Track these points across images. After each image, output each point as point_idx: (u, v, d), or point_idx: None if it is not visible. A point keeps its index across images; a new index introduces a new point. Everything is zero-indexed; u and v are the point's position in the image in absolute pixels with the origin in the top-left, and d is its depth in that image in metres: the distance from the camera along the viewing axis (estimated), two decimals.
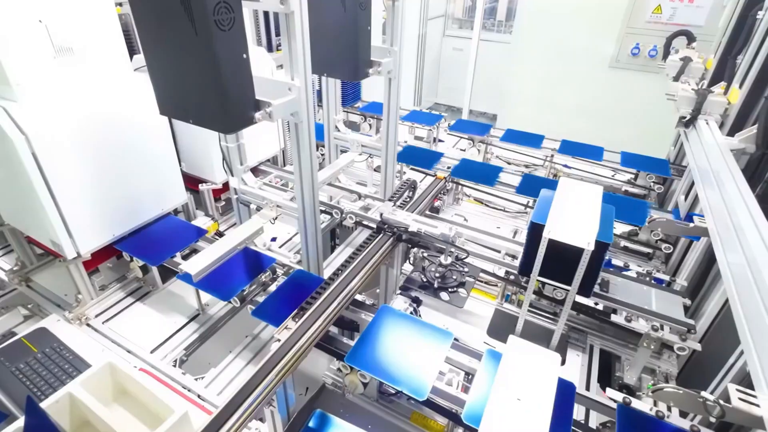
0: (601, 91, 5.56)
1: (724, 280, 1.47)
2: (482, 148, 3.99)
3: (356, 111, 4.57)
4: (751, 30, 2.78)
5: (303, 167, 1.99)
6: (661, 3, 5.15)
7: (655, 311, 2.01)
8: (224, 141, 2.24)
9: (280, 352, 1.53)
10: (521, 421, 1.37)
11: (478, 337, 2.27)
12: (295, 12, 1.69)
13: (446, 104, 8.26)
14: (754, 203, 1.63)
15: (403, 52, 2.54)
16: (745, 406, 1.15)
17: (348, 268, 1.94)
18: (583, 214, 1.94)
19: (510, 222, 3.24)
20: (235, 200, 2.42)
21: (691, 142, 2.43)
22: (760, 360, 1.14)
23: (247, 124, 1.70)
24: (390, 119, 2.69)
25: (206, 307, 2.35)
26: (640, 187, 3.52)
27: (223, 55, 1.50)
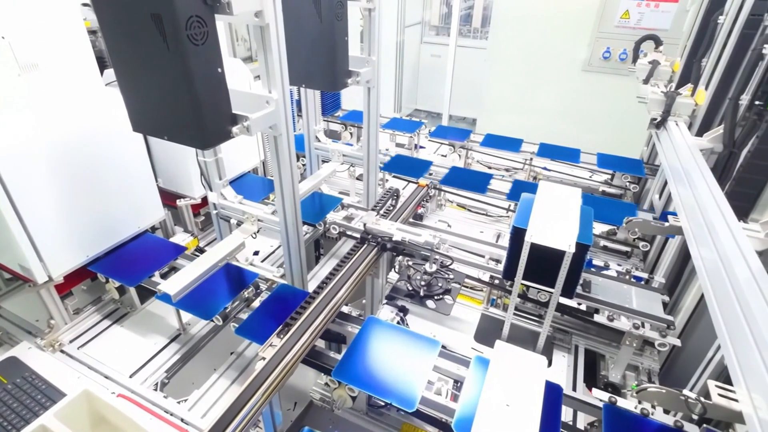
0: (576, 94, 5.70)
1: (699, 276, 1.51)
2: (463, 154, 4.03)
3: (337, 120, 4.57)
4: (713, 34, 2.90)
5: (284, 180, 1.97)
6: (628, 8, 5.33)
7: (635, 309, 2.05)
8: (201, 156, 2.20)
9: (265, 371, 1.50)
10: (511, 427, 1.37)
11: (466, 342, 2.28)
12: (270, 24, 1.68)
13: (426, 110, 8.33)
14: (723, 201, 1.68)
15: (381, 61, 2.56)
16: (725, 402, 1.18)
17: (333, 280, 1.92)
18: (563, 216, 1.98)
19: (493, 226, 3.27)
20: (215, 215, 2.38)
21: (663, 142, 2.51)
22: (737, 354, 1.17)
23: (224, 139, 1.67)
24: (370, 128, 2.69)
25: (187, 326, 2.29)
26: (616, 187, 3.61)
27: (197, 71, 1.48)
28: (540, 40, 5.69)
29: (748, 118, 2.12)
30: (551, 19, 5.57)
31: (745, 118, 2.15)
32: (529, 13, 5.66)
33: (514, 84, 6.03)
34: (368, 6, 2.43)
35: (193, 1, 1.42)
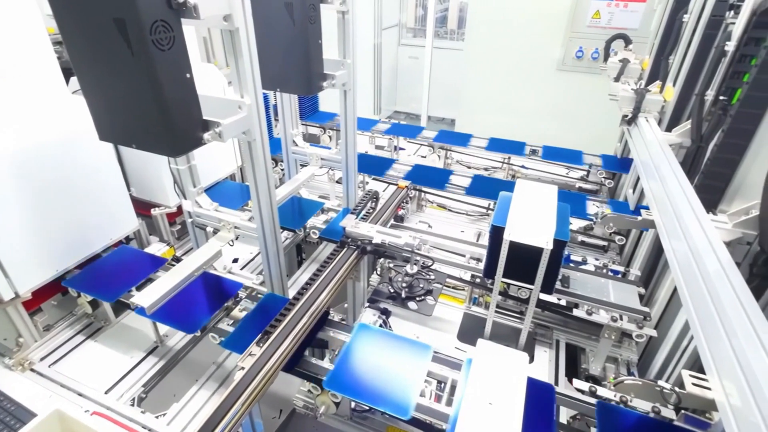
0: (551, 93, 5.80)
1: (671, 267, 1.55)
2: (442, 154, 4.05)
3: (315, 124, 4.54)
4: (679, 32, 2.98)
5: (259, 186, 1.94)
6: (599, 8, 5.45)
7: (612, 302, 2.09)
8: (174, 163, 2.15)
9: (244, 381, 1.47)
10: (494, 425, 1.37)
11: (450, 342, 2.28)
12: (240, 28, 1.66)
13: (406, 112, 8.35)
14: (692, 194, 1.73)
15: (358, 63, 2.55)
16: (699, 390, 1.21)
17: (312, 286, 1.90)
18: (541, 214, 2.00)
19: (473, 225, 3.30)
20: (190, 224, 2.32)
21: (634, 138, 2.57)
22: (708, 343, 1.20)
23: (195, 146, 1.63)
24: (348, 131, 2.68)
25: (165, 338, 2.23)
26: (592, 182, 3.69)
27: (164, 76, 1.44)
28: (515, 40, 5.77)
29: (713, 113, 2.19)
30: (525, 20, 5.66)
31: (711, 113, 2.21)
32: (504, 14, 5.74)
33: (492, 84, 6.10)
34: (341, 8, 2.42)
35: (158, 5, 1.39)
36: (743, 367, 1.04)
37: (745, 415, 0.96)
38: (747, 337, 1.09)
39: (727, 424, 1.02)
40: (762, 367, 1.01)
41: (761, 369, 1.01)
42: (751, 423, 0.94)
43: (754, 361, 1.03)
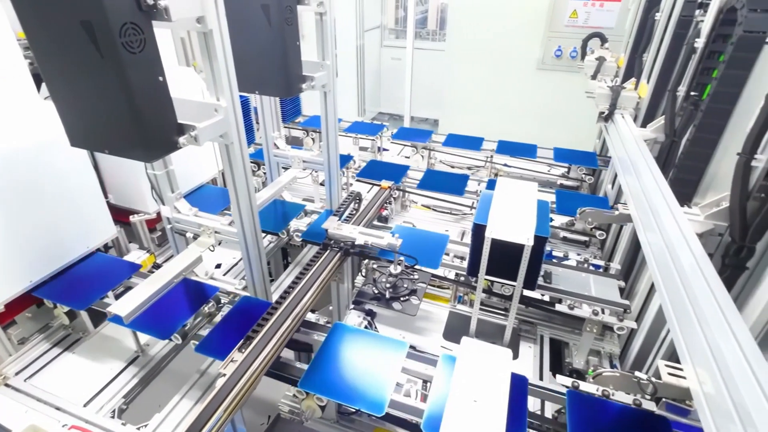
0: (532, 92, 5.88)
1: (647, 260, 1.58)
2: (426, 154, 4.07)
3: (298, 126, 4.52)
4: (651, 30, 3.05)
5: (238, 189, 1.92)
6: (576, 8, 5.55)
7: (594, 296, 2.12)
8: (151, 169, 2.11)
9: (225, 388, 1.44)
10: (479, 422, 1.38)
11: (436, 341, 2.29)
12: (214, 30, 1.64)
13: (390, 113, 8.37)
14: (666, 187, 1.77)
15: (336, 65, 2.54)
16: (674, 380, 1.23)
17: (295, 289, 1.88)
18: (521, 211, 2.02)
19: (458, 225, 3.31)
20: (169, 230, 2.28)
21: (611, 135, 2.61)
22: (683, 333, 1.22)
23: (170, 151, 1.61)
24: (329, 132, 2.67)
25: (146, 347, 2.18)
26: (573, 179, 3.75)
27: (135, 80, 1.41)
28: (495, 40, 5.83)
29: (685, 108, 2.25)
30: (505, 20, 5.73)
31: (683, 109, 2.27)
32: (484, 14, 5.80)
33: (474, 84, 6.16)
34: (319, 10, 2.41)
35: (127, 7, 1.36)
36: (716, 355, 1.07)
37: (718, 402, 0.98)
38: (719, 327, 1.12)
39: (701, 410, 1.04)
40: (733, 356, 1.03)
41: (733, 358, 1.03)
42: (724, 410, 0.96)
43: (726, 350, 1.06)
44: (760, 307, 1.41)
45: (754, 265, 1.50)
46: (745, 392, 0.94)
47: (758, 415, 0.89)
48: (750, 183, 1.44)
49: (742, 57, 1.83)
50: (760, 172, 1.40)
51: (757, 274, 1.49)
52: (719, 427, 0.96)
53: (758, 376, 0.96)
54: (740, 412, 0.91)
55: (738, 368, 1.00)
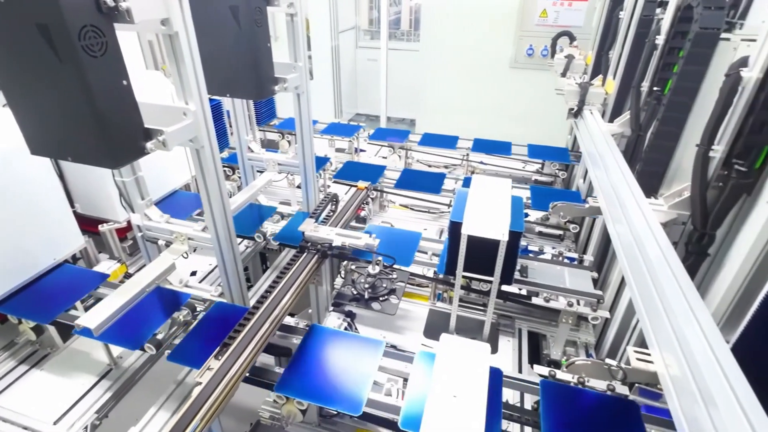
0: (506, 90, 5.99)
1: (616, 251, 1.62)
2: (402, 154, 4.09)
3: (273, 129, 4.47)
4: (616, 28, 3.15)
5: (211, 194, 1.88)
6: (546, 7, 5.67)
7: (568, 288, 2.17)
8: (119, 176, 2.05)
9: (202, 396, 1.41)
10: (459, 418, 1.39)
11: (417, 340, 2.30)
12: (180, 32, 1.60)
13: (367, 114, 8.37)
14: (633, 180, 1.82)
15: (307, 67, 2.52)
16: (643, 365, 1.27)
17: (272, 293, 1.86)
18: (496, 207, 2.05)
19: (435, 223, 3.34)
20: (140, 238, 2.22)
21: (581, 130, 2.68)
22: (650, 320, 1.27)
23: (137, 156, 1.56)
24: (304, 134, 2.65)
25: (119, 359, 2.12)
26: (547, 175, 3.83)
27: (97, 85, 1.37)
28: (468, 40, 5.91)
29: (649, 103, 2.33)
30: (477, 20, 5.81)
31: (647, 104, 2.35)
32: (456, 15, 5.87)
33: (448, 84, 6.22)
34: (290, 11, 2.39)
35: (86, 10, 1.32)
36: (680, 340, 1.11)
37: (683, 384, 1.02)
38: (683, 314, 1.16)
39: (667, 393, 1.08)
40: (696, 340, 1.08)
41: (696, 341, 1.07)
42: (688, 391, 1.00)
43: (689, 334, 1.10)
44: (722, 291, 1.48)
45: (715, 251, 1.57)
46: (707, 374, 0.98)
47: (719, 396, 0.92)
48: (708, 173, 1.50)
49: (699, 52, 1.91)
50: (717, 162, 1.47)
51: (718, 260, 1.56)
52: (684, 407, 1.00)
53: (719, 359, 1.01)
54: (703, 393, 0.95)
55: (701, 351, 1.04)
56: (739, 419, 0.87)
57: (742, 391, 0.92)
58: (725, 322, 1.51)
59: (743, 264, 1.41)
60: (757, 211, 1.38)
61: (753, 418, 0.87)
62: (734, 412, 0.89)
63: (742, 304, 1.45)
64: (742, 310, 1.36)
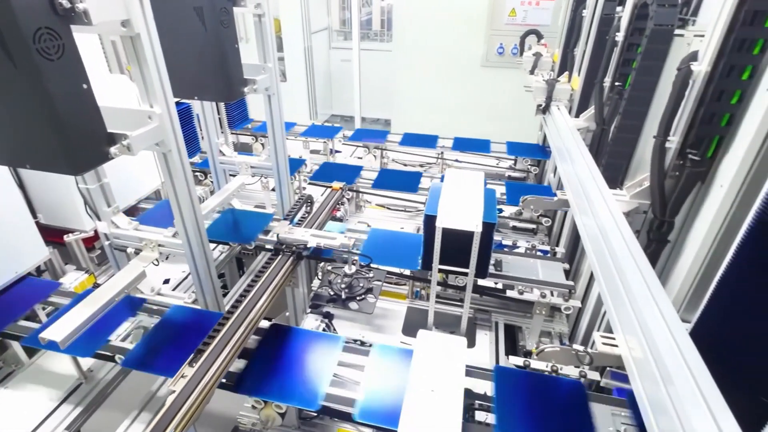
0: (478, 88, 6.08)
1: (583, 241, 1.68)
2: (378, 154, 4.10)
3: (247, 132, 4.41)
4: (580, 26, 3.25)
5: (180, 199, 1.84)
6: (514, 6, 5.79)
7: (541, 280, 2.22)
8: (83, 183, 1.98)
9: (176, 405, 1.39)
10: (437, 412, 1.41)
11: (396, 338, 2.31)
12: (142, 34, 1.57)
13: (342, 115, 8.35)
14: (597, 172, 1.89)
15: (277, 68, 2.50)
16: (608, 349, 1.32)
17: (247, 297, 1.84)
18: (469, 200, 2.07)
19: (413, 221, 3.37)
20: (108, 246, 2.16)
21: (549, 125, 2.76)
22: (614, 305, 1.31)
23: (100, 162, 1.52)
24: (276, 136, 2.63)
25: (90, 373, 2.05)
26: (520, 171, 3.91)
27: (54, 89, 1.33)
28: (440, 40, 5.98)
29: (611, 97, 2.41)
30: (448, 20, 5.89)
31: (610, 98, 2.43)
32: (427, 14, 5.93)
33: (422, 83, 6.28)
34: (257, 12, 2.37)
35: (41, 12, 1.28)
36: (641, 324, 1.16)
37: (644, 365, 1.07)
38: (644, 298, 1.21)
39: (630, 374, 1.12)
40: (656, 323, 1.12)
41: (656, 325, 1.12)
42: (649, 372, 1.04)
43: (649, 318, 1.15)
44: (682, 275, 1.55)
45: (675, 237, 1.64)
46: (666, 355, 1.02)
47: (677, 375, 0.97)
48: (665, 163, 1.57)
49: (655, 48, 1.99)
50: (673, 152, 1.53)
51: (678, 246, 1.63)
52: (646, 387, 1.05)
53: (677, 340, 1.05)
54: (662, 373, 1.00)
55: (660, 334, 1.09)
56: (695, 395, 0.92)
57: (698, 370, 0.97)
58: (687, 304, 1.58)
59: (700, 248, 1.48)
60: (711, 198, 1.45)
61: (707, 393, 0.91)
62: (690, 389, 0.93)
63: (702, 286, 1.52)
64: (702, 292, 1.43)
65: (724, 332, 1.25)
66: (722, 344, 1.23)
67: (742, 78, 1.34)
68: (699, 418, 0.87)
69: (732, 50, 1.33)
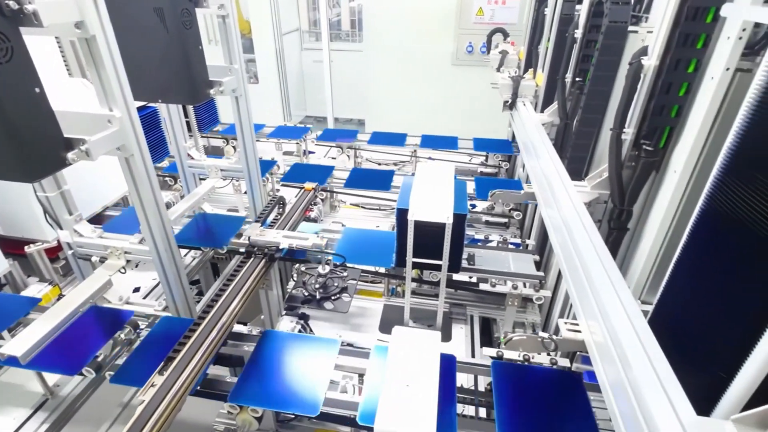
0: (450, 86, 6.16)
1: (548, 231, 1.73)
2: (351, 154, 4.10)
3: (217, 135, 4.33)
4: (543, 24, 3.34)
5: (145, 204, 1.80)
6: (481, 5, 5.89)
7: (512, 272, 2.28)
8: (41, 191, 1.91)
9: (145, 414, 1.35)
10: (412, 406, 1.42)
11: (373, 336, 2.32)
12: (98, 36, 1.52)
13: (315, 116, 8.30)
14: (560, 165, 1.95)
15: (243, 69, 2.47)
16: (572, 334, 1.37)
17: (218, 301, 1.81)
18: (440, 192, 2.10)
19: (388, 220, 3.38)
20: (71, 256, 2.08)
21: (516, 121, 2.82)
22: (577, 293, 1.36)
23: (57, 168, 1.48)
24: (245, 138, 2.59)
25: (56, 388, 1.98)
26: (491, 166, 3.98)
27: (3, 93, 1.28)
28: (411, 39, 6.03)
29: (573, 92, 2.49)
30: (418, 19, 5.94)
31: (572, 93, 2.51)
32: (397, 14, 5.96)
33: (394, 82, 6.32)
34: (221, 13, 2.34)
35: None
36: (602, 310, 1.20)
37: (603, 348, 1.11)
38: (604, 285, 1.26)
39: (592, 357, 1.17)
40: (615, 309, 1.17)
41: (614, 310, 1.17)
42: (608, 354, 1.08)
43: (608, 304, 1.19)
44: (642, 260, 1.62)
45: (634, 225, 1.71)
46: (624, 338, 1.07)
47: (633, 357, 1.01)
48: (622, 154, 1.63)
49: (611, 44, 2.06)
50: (628, 143, 1.60)
51: (637, 234, 1.70)
52: (606, 369, 1.09)
53: (634, 324, 1.10)
54: (619, 355, 1.04)
55: (619, 319, 1.13)
56: (650, 375, 0.96)
57: (653, 352, 1.02)
58: (648, 287, 1.65)
59: (657, 234, 1.55)
60: (665, 186, 1.52)
61: (662, 374, 0.96)
62: (646, 370, 0.98)
63: (661, 270, 1.59)
64: (661, 276, 1.49)
65: (681, 312, 1.31)
66: (680, 324, 1.30)
67: (688, 71, 1.41)
68: (653, 397, 0.91)
69: (678, 45, 1.40)
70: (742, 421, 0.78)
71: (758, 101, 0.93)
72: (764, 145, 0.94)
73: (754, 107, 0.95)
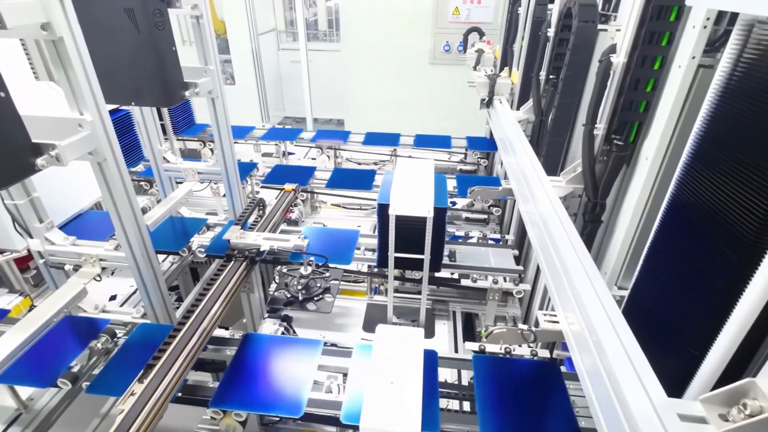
0: (428, 85, 6.21)
1: (526, 225, 1.77)
2: (332, 154, 4.09)
3: (193, 138, 4.25)
4: (517, 23, 3.40)
5: (121, 210, 1.76)
6: (458, 5, 5.95)
7: (492, 267, 2.32)
8: (9, 198, 1.84)
9: (125, 424, 1.32)
10: (396, 403, 1.43)
11: (356, 335, 2.33)
12: (65, 37, 1.48)
13: (294, 117, 8.23)
14: (536, 161, 1.99)
15: (219, 70, 2.44)
16: (550, 325, 1.41)
17: (198, 306, 1.78)
18: (420, 187, 2.12)
19: (369, 219, 3.39)
20: (43, 265, 2.02)
21: (493, 119, 2.87)
22: (555, 284, 1.40)
23: (25, 175, 1.43)
24: (223, 140, 2.56)
25: (30, 401, 1.91)
26: (470, 164, 4.04)
27: None
28: (388, 39, 6.05)
29: (547, 90, 2.54)
30: (395, 19, 5.96)
31: (546, 90, 2.56)
32: (374, 13, 5.97)
33: (372, 82, 6.32)
34: (195, 13, 2.30)
35: None
36: (578, 300, 1.24)
37: (580, 337, 1.15)
38: (579, 276, 1.30)
39: (570, 346, 1.20)
40: (590, 299, 1.21)
41: (590, 301, 1.20)
42: (584, 343, 1.12)
43: (584, 295, 1.23)
44: (616, 251, 1.67)
45: (608, 218, 1.77)
46: (599, 327, 1.11)
47: (608, 345, 1.05)
48: (594, 148, 1.68)
49: (582, 42, 2.12)
50: (600, 138, 1.65)
51: (611, 226, 1.75)
52: (584, 358, 1.13)
53: (609, 314, 1.14)
54: (595, 343, 1.08)
55: (593, 309, 1.17)
56: (624, 361, 1.00)
57: (626, 339, 1.05)
58: (623, 275, 1.71)
59: (629, 226, 1.60)
60: (635, 179, 1.57)
61: (635, 360, 1.00)
62: (620, 356, 1.01)
63: (634, 260, 1.65)
64: (635, 264, 1.55)
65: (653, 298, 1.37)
66: (652, 309, 1.35)
67: (654, 68, 1.47)
68: (627, 381, 0.94)
69: (644, 42, 1.45)
70: (709, 400, 0.82)
71: (722, 89, 0.99)
72: (726, 130, 1.00)
73: (718, 96, 1.01)
